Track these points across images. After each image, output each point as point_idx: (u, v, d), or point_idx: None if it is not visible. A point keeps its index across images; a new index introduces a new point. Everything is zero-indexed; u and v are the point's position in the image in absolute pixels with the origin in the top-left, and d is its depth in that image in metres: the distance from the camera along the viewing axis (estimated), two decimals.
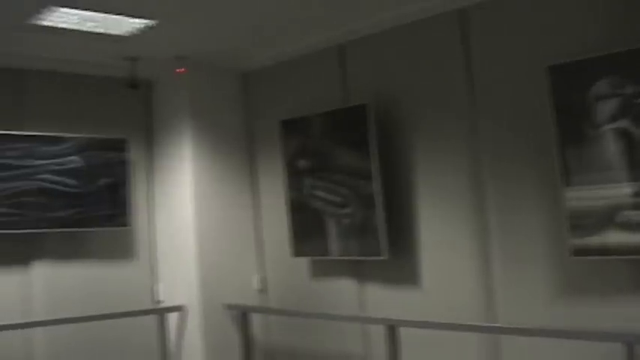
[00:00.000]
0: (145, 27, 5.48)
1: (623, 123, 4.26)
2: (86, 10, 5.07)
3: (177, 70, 6.42)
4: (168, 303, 6.68)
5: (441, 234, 5.39)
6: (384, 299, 5.74)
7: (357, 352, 5.91)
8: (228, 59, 6.59)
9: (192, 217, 6.48)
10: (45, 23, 5.27)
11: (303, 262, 6.35)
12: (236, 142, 6.83)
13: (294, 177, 6.20)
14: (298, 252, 6.23)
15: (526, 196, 4.89)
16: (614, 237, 4.29)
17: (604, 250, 4.35)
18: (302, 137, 6.15)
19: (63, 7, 4.97)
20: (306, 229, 6.12)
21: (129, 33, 5.61)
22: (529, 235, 4.87)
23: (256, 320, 6.65)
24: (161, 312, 6.67)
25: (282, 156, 6.30)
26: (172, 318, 6.60)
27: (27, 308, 6.13)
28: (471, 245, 5.18)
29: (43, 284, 6.22)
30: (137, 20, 5.36)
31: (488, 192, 5.10)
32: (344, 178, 5.77)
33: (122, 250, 6.70)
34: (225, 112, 6.80)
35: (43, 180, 6.11)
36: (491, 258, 5.07)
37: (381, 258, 5.53)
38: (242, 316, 6.52)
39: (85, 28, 5.46)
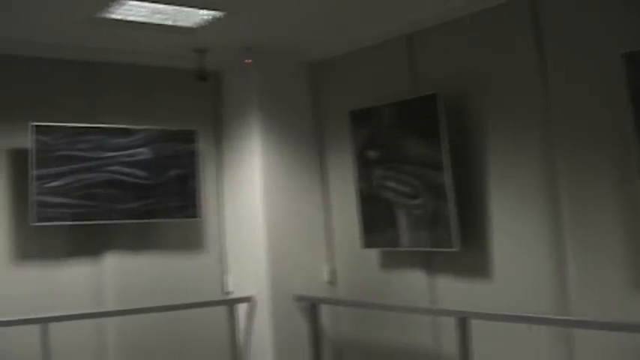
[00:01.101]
0: (213, 18, 5.47)
1: None
2: (155, 2, 5.09)
3: (245, 61, 6.40)
4: (237, 294, 6.69)
5: (513, 225, 5.28)
6: (454, 291, 5.66)
7: (427, 344, 5.84)
8: (296, 50, 6.55)
9: (262, 209, 6.48)
10: (114, 16, 5.31)
11: (373, 253, 6.30)
12: (305, 133, 6.79)
13: (364, 168, 6.15)
14: (368, 243, 6.17)
15: (601, 186, 4.74)
16: None
17: None
18: (371, 128, 6.09)
19: (132, 0, 5.00)
20: (376, 221, 6.06)
21: (197, 25, 5.62)
22: (604, 226, 4.73)
23: (325, 312, 6.62)
24: (230, 303, 6.69)
25: (351, 147, 6.25)
26: (242, 309, 6.62)
27: (99, 298, 6.22)
28: (543, 236, 5.06)
29: (114, 275, 6.30)
30: (205, 12, 5.35)
31: (561, 182, 4.96)
32: (414, 168, 5.70)
33: (192, 241, 6.73)
34: (293, 103, 6.77)
35: (113, 172, 6.17)
36: (565, 249, 4.94)
37: (452, 249, 5.44)
38: (311, 307, 6.50)
39: (153, 21, 5.49)
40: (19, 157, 5.88)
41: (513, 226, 5.28)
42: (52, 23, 5.43)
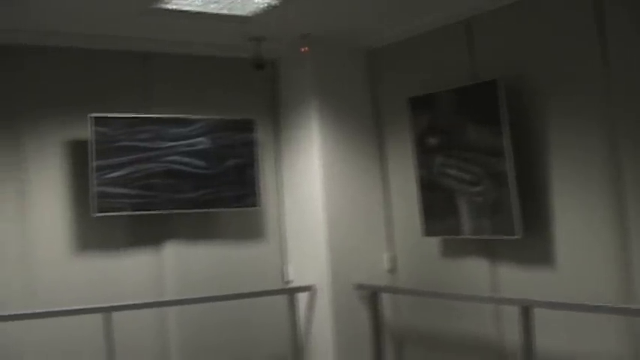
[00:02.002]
0: (268, 6, 5.43)
1: None
2: None
3: (302, 49, 6.36)
4: (297, 283, 6.68)
5: (576, 210, 5.14)
6: (516, 279, 5.55)
7: (489, 333, 5.75)
8: (353, 37, 6.48)
9: (322, 197, 6.45)
10: (169, 7, 5.31)
11: (434, 241, 6.22)
12: (363, 120, 6.72)
13: (424, 155, 6.08)
14: (429, 231, 6.10)
15: None
16: None
17: None
18: (431, 115, 6.01)
19: None
20: (437, 208, 5.99)
21: (253, 13, 5.58)
22: None
23: (386, 300, 6.57)
24: (291, 292, 6.67)
25: (410, 134, 6.17)
26: (302, 298, 6.61)
27: (159, 288, 6.28)
28: (607, 222, 4.92)
29: (174, 264, 6.34)
30: (261, 0, 5.31)
31: (625, 166, 4.81)
32: (475, 155, 5.62)
33: (251, 230, 6.74)
34: (351, 90, 6.71)
35: (172, 162, 6.19)
36: (629, 235, 4.79)
37: (515, 237, 5.33)
38: (371, 296, 6.46)
39: (209, 10, 5.48)
40: (79, 149, 5.94)
41: (576, 212, 5.15)
42: (108, 15, 5.46)
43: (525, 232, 5.31)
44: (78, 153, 5.94)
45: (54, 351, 5.71)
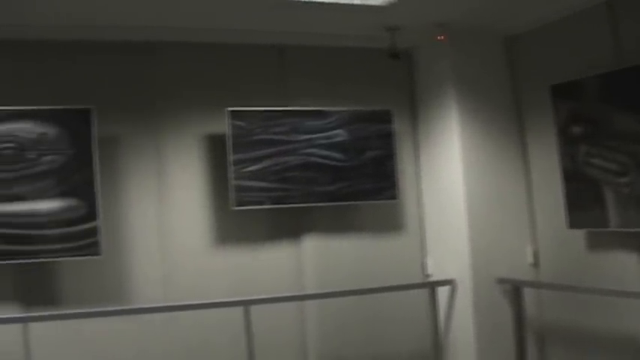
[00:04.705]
0: None
1: None
2: None
3: (438, 38, 6.22)
4: (437, 277, 6.57)
5: None
6: None
7: (638, 331, 5.47)
8: (490, 23, 6.29)
9: (462, 189, 6.31)
10: None
11: (579, 234, 5.96)
12: (503, 110, 6.52)
13: (568, 144, 5.85)
14: (574, 223, 5.86)
15: None
16: None
17: None
18: (575, 102, 5.77)
19: None
20: (582, 200, 5.75)
21: (386, 2, 5.52)
22: None
23: (529, 295, 6.36)
24: (431, 286, 6.57)
25: (553, 123, 5.95)
26: (441, 292, 6.48)
27: (299, 281, 6.33)
28: None
29: (313, 257, 6.37)
30: None
31: None
32: (622, 144, 5.36)
33: (391, 223, 6.68)
34: (490, 79, 6.52)
35: (309, 154, 6.21)
36: None
37: None
38: (514, 290, 6.27)
39: (342, 1, 5.45)
40: (217, 143, 6.05)
41: None
42: (242, 9, 5.51)
43: None
44: (216, 147, 6.06)
45: (193, 343, 5.85)
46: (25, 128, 5.37)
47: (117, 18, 5.47)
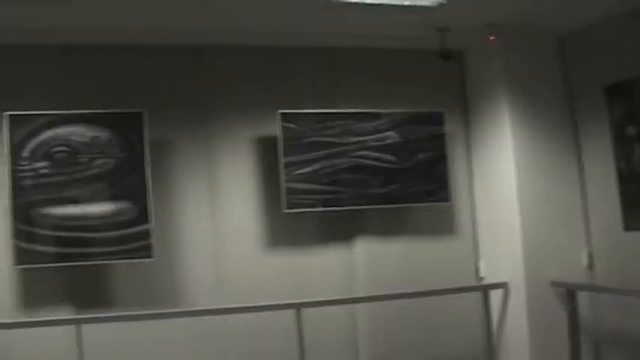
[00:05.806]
0: None
1: None
2: None
3: (489, 39, 6.17)
4: (490, 279, 6.51)
5: None
6: None
7: None
8: (541, 23, 6.21)
9: (515, 191, 6.24)
10: (352, 0, 5.29)
11: (636, 236, 5.84)
12: (556, 110, 6.44)
13: (623, 145, 5.80)
14: (629, 225, 5.80)
15: None
16: None
17: None
18: (629, 102, 5.70)
19: None
20: (638, 201, 5.68)
21: (437, 3, 5.47)
22: None
23: (583, 299, 6.26)
24: (484, 289, 6.50)
25: (607, 123, 5.90)
26: (494, 295, 6.41)
27: (350, 284, 6.32)
28: None
29: (365, 260, 6.36)
30: None
31: None
32: None
33: (443, 225, 6.65)
34: (542, 79, 6.43)
35: (361, 157, 6.21)
36: None
37: None
38: (568, 294, 6.18)
39: (391, 2, 5.42)
40: (268, 146, 6.08)
41: None
42: (291, 11, 5.53)
43: None
44: (267, 150, 6.09)
45: (245, 346, 5.88)
46: (78, 132, 5.47)
47: (167, 22, 5.52)
